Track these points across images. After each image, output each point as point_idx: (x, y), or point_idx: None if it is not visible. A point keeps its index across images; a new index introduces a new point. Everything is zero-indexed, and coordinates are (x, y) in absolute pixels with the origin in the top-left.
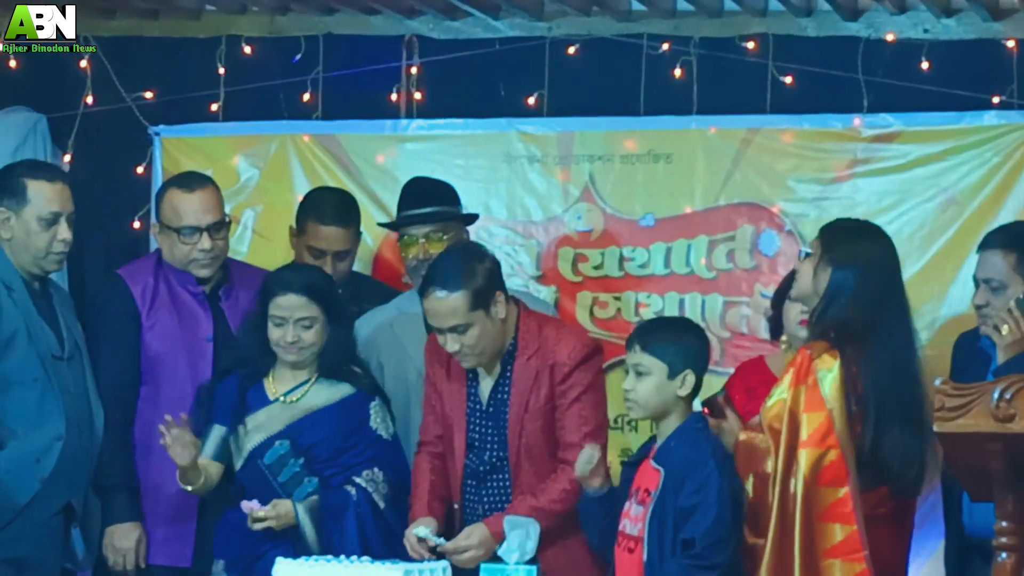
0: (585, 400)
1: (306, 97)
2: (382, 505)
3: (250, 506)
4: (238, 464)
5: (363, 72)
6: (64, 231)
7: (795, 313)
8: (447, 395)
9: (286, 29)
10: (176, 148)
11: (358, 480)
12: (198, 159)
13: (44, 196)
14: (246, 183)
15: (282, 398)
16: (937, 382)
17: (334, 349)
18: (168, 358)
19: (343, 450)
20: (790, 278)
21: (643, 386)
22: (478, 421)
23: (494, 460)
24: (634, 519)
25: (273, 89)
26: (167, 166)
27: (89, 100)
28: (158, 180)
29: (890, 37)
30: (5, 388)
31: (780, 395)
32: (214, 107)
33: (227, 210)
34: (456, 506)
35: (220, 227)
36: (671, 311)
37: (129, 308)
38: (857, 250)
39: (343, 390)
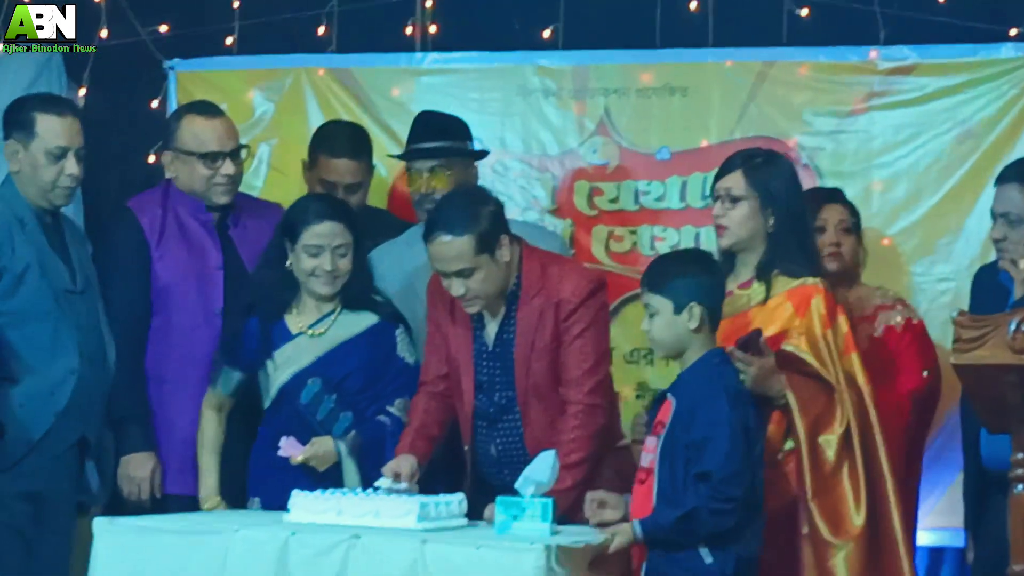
0: (587, 336)
1: (321, 31)
2: None
3: (289, 450)
4: (267, 401)
5: (378, 5)
6: (72, 166)
7: (822, 247)
8: (453, 338)
9: None
10: (191, 82)
11: (391, 409)
12: (213, 93)
13: (52, 130)
14: (261, 117)
15: (308, 331)
16: (954, 314)
17: (356, 278)
18: (179, 288)
19: (374, 380)
20: None
21: (655, 325)
22: (485, 363)
23: (503, 401)
24: (648, 450)
25: (288, 23)
26: (182, 100)
27: (104, 34)
28: None
29: None
30: (19, 322)
31: (807, 333)
32: (229, 41)
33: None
34: (467, 448)
35: (239, 153)
36: (687, 244)
37: (138, 239)
38: (784, 180)
39: (368, 319)
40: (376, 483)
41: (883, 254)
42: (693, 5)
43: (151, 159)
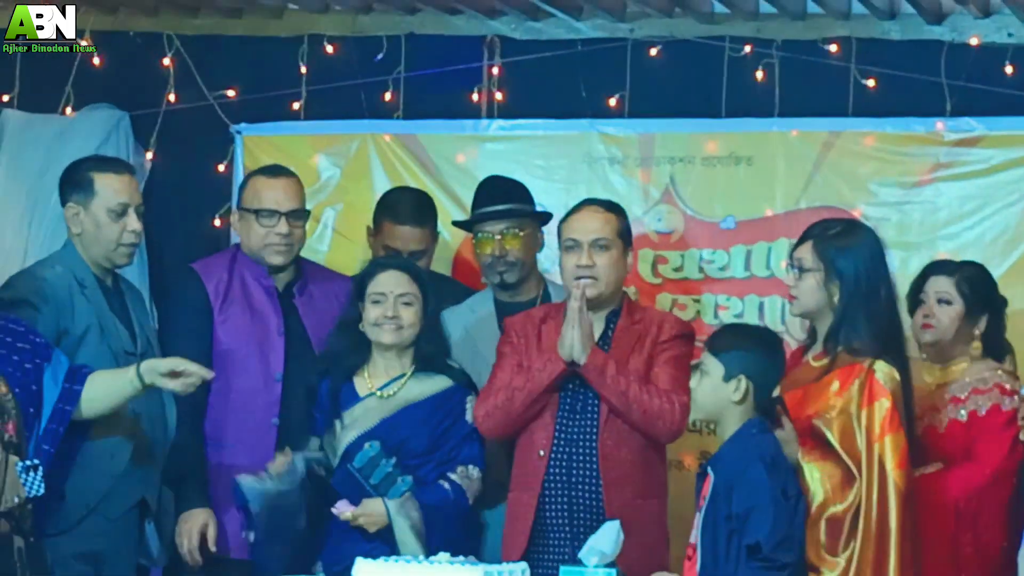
0: (680, 364)
1: (387, 96)
2: (471, 502)
3: (340, 508)
4: (335, 461)
5: (445, 72)
6: (133, 222)
7: (919, 317)
8: (538, 362)
9: (368, 28)
10: (257, 146)
11: (452, 476)
12: (279, 157)
13: (112, 188)
14: (327, 182)
15: (377, 393)
16: (1023, 391)
17: (430, 339)
18: (239, 353)
19: (439, 445)
20: None
21: (701, 385)
22: (571, 378)
23: (586, 419)
24: (694, 527)
25: (354, 88)
26: (248, 164)
27: (172, 98)
28: (239, 178)
29: (974, 41)
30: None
31: (842, 412)
32: (296, 106)
33: (308, 207)
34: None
35: (299, 216)
36: (751, 314)
37: (201, 302)
38: (857, 254)
39: (440, 383)
40: None
41: None
42: (759, 75)
43: (217, 222)
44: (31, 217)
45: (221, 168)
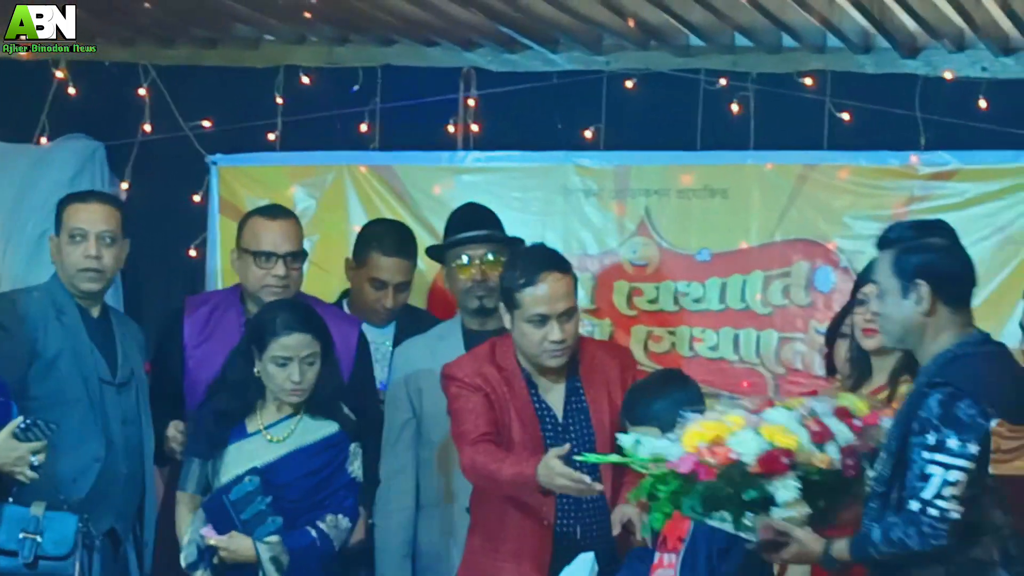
0: None
1: (363, 128)
2: (336, 549)
3: (207, 532)
4: (211, 492)
5: (421, 103)
6: (91, 248)
7: (844, 350)
8: (513, 420)
9: (344, 60)
10: (233, 177)
11: (321, 525)
12: (255, 188)
13: (74, 215)
14: (303, 213)
15: (263, 431)
16: (992, 423)
17: (324, 386)
18: (203, 386)
19: (318, 490)
20: (843, 315)
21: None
22: (554, 434)
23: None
24: (667, 566)
25: (330, 119)
26: (224, 195)
27: (147, 128)
28: (215, 209)
29: (948, 75)
30: (49, 408)
31: None
32: (271, 137)
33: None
34: (547, 523)
35: (297, 257)
36: (726, 346)
37: (176, 334)
38: None
39: (327, 429)
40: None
41: None
42: (734, 107)
43: (193, 253)
44: (5, 246)
45: (196, 199)
